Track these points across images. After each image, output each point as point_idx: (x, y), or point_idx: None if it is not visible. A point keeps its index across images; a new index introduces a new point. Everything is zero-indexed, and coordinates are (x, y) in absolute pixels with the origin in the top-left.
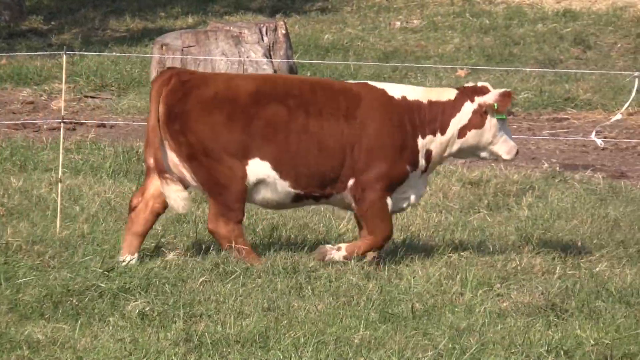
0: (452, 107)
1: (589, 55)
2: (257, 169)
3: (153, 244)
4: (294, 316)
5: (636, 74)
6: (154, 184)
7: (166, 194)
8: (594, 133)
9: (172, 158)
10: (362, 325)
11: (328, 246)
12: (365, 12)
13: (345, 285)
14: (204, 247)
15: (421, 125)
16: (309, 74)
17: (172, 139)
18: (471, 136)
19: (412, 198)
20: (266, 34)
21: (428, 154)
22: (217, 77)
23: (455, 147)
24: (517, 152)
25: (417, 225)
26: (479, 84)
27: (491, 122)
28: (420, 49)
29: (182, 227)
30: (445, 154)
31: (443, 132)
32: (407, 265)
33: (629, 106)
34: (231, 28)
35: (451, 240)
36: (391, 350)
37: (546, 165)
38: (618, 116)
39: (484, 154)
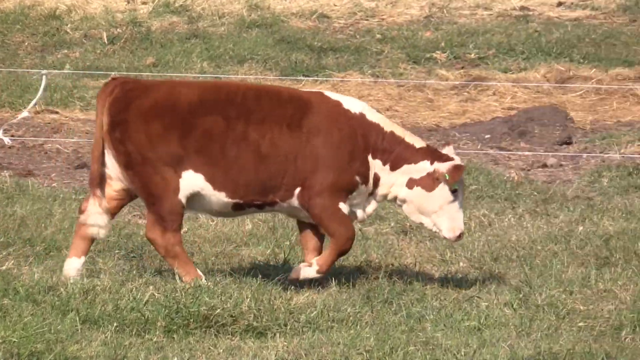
0: (411, 154)
1: None
2: (191, 181)
3: None
4: None
5: (43, 72)
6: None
7: (90, 216)
8: (1, 131)
9: (116, 167)
10: None
11: (301, 264)
12: None
13: None
14: None
15: (374, 146)
16: None
17: (114, 147)
18: (417, 194)
19: (359, 214)
20: None
21: (376, 178)
22: (161, 86)
23: (401, 193)
24: (461, 236)
25: None
26: (449, 153)
27: (442, 190)
28: None
29: None
30: (391, 192)
31: (393, 169)
32: None
33: (35, 104)
34: None
35: None
36: None
37: None
38: (25, 114)
39: (425, 221)
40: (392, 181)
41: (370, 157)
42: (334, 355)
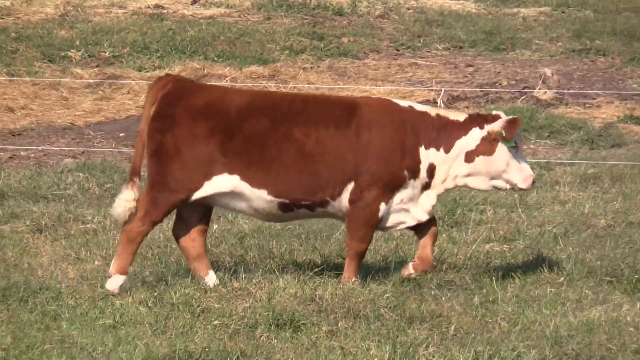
0: (459, 128)
1: None
2: (222, 183)
3: None
4: None
5: None
6: None
7: (119, 196)
8: None
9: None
10: None
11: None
12: None
13: None
14: None
15: (425, 135)
16: None
17: (149, 135)
18: (480, 163)
19: (414, 212)
20: None
21: (431, 168)
22: (214, 89)
23: (463, 171)
24: (534, 181)
25: None
26: (493, 112)
27: (502, 150)
28: None
29: None
30: (452, 174)
31: (447, 150)
32: None
33: None
34: None
35: None
36: None
37: None
38: None
39: (498, 183)
40: (448, 164)
41: (422, 149)
42: None
